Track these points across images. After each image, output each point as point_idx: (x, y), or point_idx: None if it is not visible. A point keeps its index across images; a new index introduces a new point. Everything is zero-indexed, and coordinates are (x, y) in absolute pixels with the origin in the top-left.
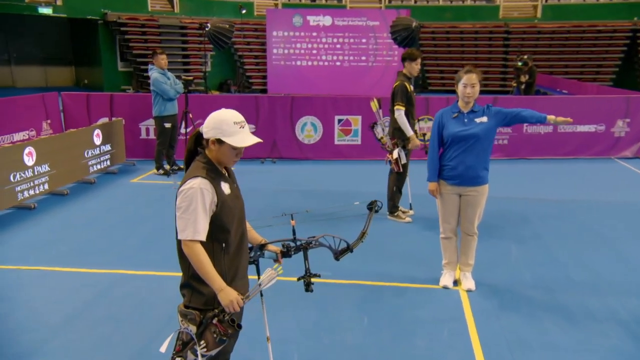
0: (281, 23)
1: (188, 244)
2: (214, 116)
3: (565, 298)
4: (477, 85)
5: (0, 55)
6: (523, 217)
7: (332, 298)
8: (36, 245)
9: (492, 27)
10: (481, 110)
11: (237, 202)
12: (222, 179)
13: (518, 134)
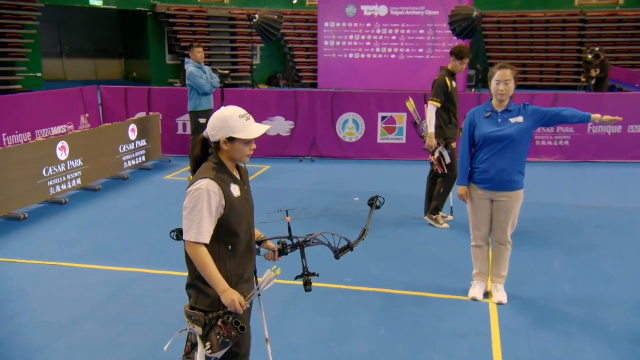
0: (334, 13)
1: (191, 245)
2: (217, 116)
3: (607, 317)
4: (511, 82)
5: (52, 48)
6: (576, 225)
7: (351, 305)
8: (62, 240)
9: (566, 16)
10: (517, 109)
11: (247, 205)
12: (233, 181)
13: (581, 134)
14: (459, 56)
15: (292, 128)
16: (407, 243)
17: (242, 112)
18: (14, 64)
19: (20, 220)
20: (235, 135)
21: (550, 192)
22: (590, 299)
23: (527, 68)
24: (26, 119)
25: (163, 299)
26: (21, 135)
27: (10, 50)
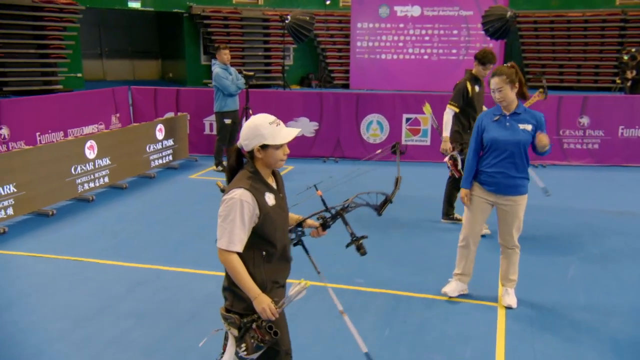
0: (366, 14)
1: (222, 252)
2: (248, 126)
3: (618, 326)
4: (505, 88)
5: (93, 49)
6: (598, 231)
7: (359, 306)
8: (86, 237)
9: (606, 15)
10: (528, 115)
11: (281, 214)
12: (267, 190)
13: (612, 137)
14: (481, 61)
15: (317, 129)
16: (421, 245)
17: (272, 119)
18: (56, 65)
19: (49, 216)
20: (267, 142)
21: (576, 196)
22: (603, 307)
23: (563, 69)
24: (59, 118)
25: (175, 295)
26: (54, 134)
27: (52, 52)
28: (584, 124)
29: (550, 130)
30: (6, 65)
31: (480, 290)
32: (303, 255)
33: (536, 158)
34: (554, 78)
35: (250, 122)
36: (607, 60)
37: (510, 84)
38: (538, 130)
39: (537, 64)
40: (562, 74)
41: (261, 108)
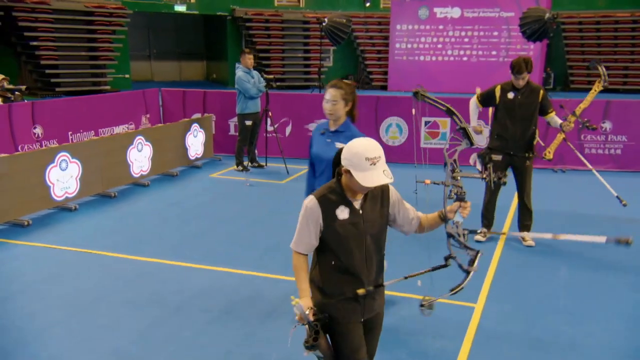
0: (406, 16)
1: (293, 249)
2: (350, 146)
3: (591, 335)
4: (339, 102)
5: (142, 50)
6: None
7: None
8: (103, 230)
9: None
10: (348, 134)
11: (352, 230)
12: (344, 204)
13: (635, 143)
14: (512, 70)
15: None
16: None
17: (372, 154)
18: (105, 66)
19: (72, 210)
20: (353, 173)
21: (591, 203)
22: (580, 314)
23: (609, 71)
24: (90, 118)
25: (167, 287)
26: (85, 134)
27: (102, 54)
28: (606, 129)
29: (572, 135)
30: (60, 67)
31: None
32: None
33: (557, 162)
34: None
35: (354, 143)
36: None
37: (345, 100)
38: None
39: (582, 65)
40: (609, 76)
41: (284, 111)
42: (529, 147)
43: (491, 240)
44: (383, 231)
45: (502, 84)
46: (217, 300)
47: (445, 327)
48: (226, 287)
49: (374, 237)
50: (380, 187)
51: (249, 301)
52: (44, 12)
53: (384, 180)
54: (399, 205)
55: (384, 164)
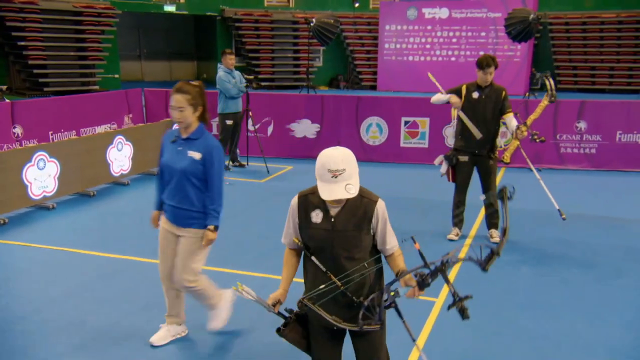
0: (395, 16)
1: None
2: (321, 155)
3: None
4: (186, 109)
5: (132, 51)
6: (577, 237)
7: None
8: (78, 229)
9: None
10: (202, 143)
11: (324, 235)
12: (320, 208)
13: (609, 142)
14: (480, 66)
15: (318, 130)
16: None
17: (335, 167)
18: (94, 66)
19: (50, 209)
20: (317, 183)
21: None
22: (542, 310)
23: (595, 71)
24: (72, 118)
25: (140, 284)
26: (66, 134)
27: (90, 54)
28: (581, 129)
29: (547, 134)
30: (48, 67)
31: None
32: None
33: (534, 161)
34: (585, 80)
35: (325, 152)
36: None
37: (193, 105)
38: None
39: (569, 65)
40: (594, 77)
41: (265, 111)
42: (492, 147)
43: (462, 238)
44: (358, 245)
45: (467, 84)
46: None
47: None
48: None
49: (345, 248)
50: (364, 202)
51: None
52: (32, 12)
53: (342, 195)
54: (379, 226)
55: (348, 178)
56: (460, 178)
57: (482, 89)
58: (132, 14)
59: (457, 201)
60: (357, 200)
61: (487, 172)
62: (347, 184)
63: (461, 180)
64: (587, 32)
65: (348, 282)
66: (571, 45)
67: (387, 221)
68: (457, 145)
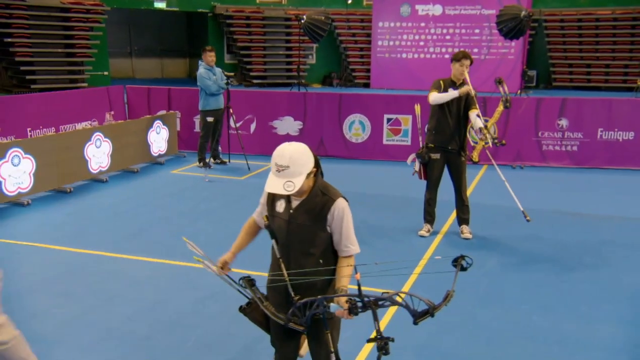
0: (388, 13)
1: None
2: (277, 147)
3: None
4: None
5: (123, 48)
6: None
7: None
8: (52, 224)
9: (637, 13)
10: None
11: (282, 225)
12: (283, 199)
13: (591, 140)
14: (455, 59)
15: (301, 128)
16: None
17: (280, 162)
18: (82, 64)
19: (25, 205)
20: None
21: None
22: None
23: (591, 69)
24: (51, 115)
25: (108, 279)
26: (45, 130)
27: (78, 51)
28: (562, 126)
29: (529, 132)
30: (35, 64)
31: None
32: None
33: (516, 159)
34: (581, 78)
35: (280, 147)
36: (636, 60)
37: None
38: None
39: (564, 63)
40: (590, 74)
41: (248, 108)
42: (463, 144)
43: (433, 234)
44: (312, 240)
45: (442, 80)
46: (150, 290)
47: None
48: (161, 277)
49: (299, 241)
50: (324, 199)
51: (180, 291)
52: (18, 8)
53: (278, 190)
54: (334, 224)
55: (290, 176)
56: (432, 175)
57: (456, 85)
58: (122, 10)
59: (429, 198)
60: (318, 196)
61: (458, 169)
62: (287, 181)
63: (433, 178)
64: (582, 30)
65: (297, 275)
66: (566, 42)
67: (345, 221)
68: (429, 140)
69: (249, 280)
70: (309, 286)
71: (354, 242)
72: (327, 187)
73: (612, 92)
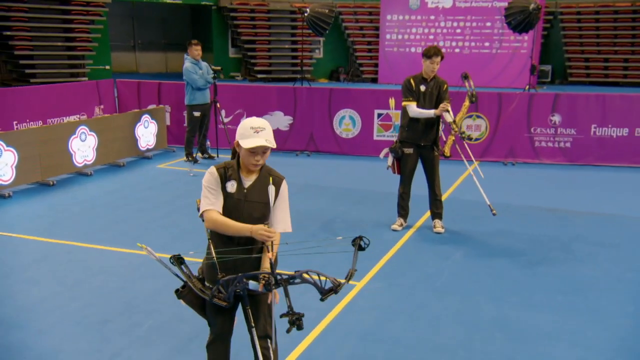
0: (396, 6)
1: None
2: (244, 121)
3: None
4: None
5: (126, 41)
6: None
7: None
8: (27, 215)
9: None
10: None
11: (237, 204)
12: (235, 179)
13: (584, 136)
14: (426, 55)
15: (291, 123)
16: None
17: (257, 124)
18: (83, 57)
19: (5, 197)
20: (240, 142)
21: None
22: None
23: (609, 63)
24: (39, 108)
25: (76, 267)
26: (32, 124)
27: (79, 45)
28: (555, 122)
29: (521, 128)
30: (35, 58)
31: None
32: None
33: (508, 156)
34: (598, 73)
35: (247, 119)
36: None
37: None
38: None
39: (580, 57)
40: (607, 69)
41: (238, 103)
42: (435, 139)
43: (406, 228)
44: (263, 216)
45: (412, 77)
46: (113, 278)
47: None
48: (126, 266)
49: (252, 217)
50: (272, 179)
51: (142, 279)
52: (17, 1)
53: (262, 143)
54: (277, 201)
55: (267, 135)
56: (406, 170)
57: (427, 82)
58: (126, 3)
59: (402, 192)
60: (266, 177)
61: (431, 164)
62: (266, 138)
63: (406, 172)
64: (600, 22)
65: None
66: (583, 36)
67: (286, 201)
68: (402, 137)
69: (178, 259)
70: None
71: (285, 222)
72: (271, 169)
73: (632, 87)
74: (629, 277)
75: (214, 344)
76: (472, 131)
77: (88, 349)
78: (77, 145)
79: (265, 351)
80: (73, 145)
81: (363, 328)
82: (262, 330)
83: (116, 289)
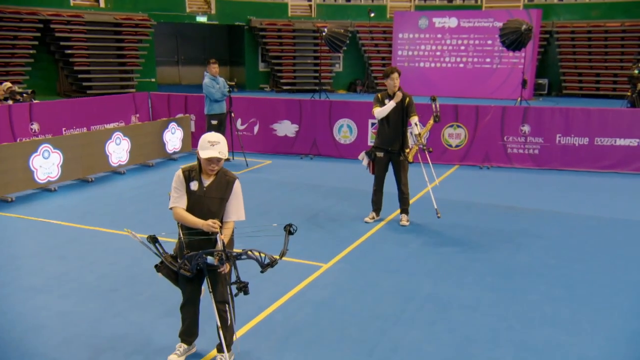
0: (407, 25)
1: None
2: (203, 136)
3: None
4: None
5: (171, 57)
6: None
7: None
8: (66, 206)
9: None
10: None
11: (199, 200)
12: (197, 180)
13: (550, 144)
14: (386, 75)
15: (297, 130)
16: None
17: (213, 139)
18: (132, 71)
19: (52, 191)
20: (199, 152)
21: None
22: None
23: (600, 77)
24: (84, 117)
25: (95, 247)
26: (77, 130)
27: (129, 61)
28: (525, 132)
29: (495, 136)
30: (91, 72)
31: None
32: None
33: (484, 160)
34: (590, 86)
35: (206, 135)
36: None
37: None
38: None
39: (574, 72)
40: (599, 82)
41: (251, 113)
42: (402, 145)
43: (377, 221)
44: (219, 210)
45: (380, 93)
46: (126, 257)
47: (284, 278)
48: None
49: (211, 211)
50: (227, 179)
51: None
52: (78, 24)
53: (215, 154)
54: (231, 198)
55: (221, 148)
56: (378, 170)
57: (392, 97)
58: (170, 24)
59: (375, 189)
60: (223, 177)
61: (398, 167)
62: (220, 150)
63: (378, 172)
64: (592, 41)
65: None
66: (577, 52)
67: (239, 196)
68: (375, 143)
69: (153, 238)
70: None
71: (237, 215)
72: (227, 171)
73: (620, 99)
74: (552, 263)
75: (185, 306)
76: (453, 139)
77: (97, 310)
78: (113, 148)
79: (223, 313)
80: (109, 148)
81: (318, 299)
82: (220, 296)
83: (125, 266)
